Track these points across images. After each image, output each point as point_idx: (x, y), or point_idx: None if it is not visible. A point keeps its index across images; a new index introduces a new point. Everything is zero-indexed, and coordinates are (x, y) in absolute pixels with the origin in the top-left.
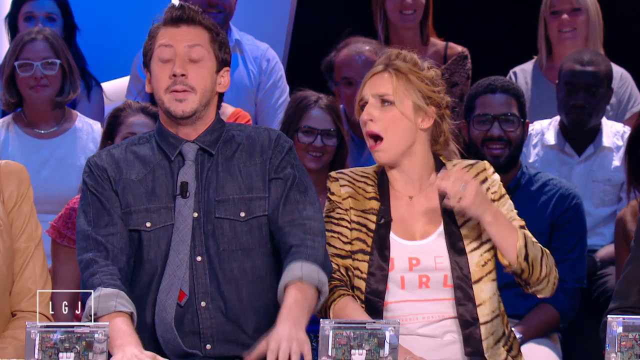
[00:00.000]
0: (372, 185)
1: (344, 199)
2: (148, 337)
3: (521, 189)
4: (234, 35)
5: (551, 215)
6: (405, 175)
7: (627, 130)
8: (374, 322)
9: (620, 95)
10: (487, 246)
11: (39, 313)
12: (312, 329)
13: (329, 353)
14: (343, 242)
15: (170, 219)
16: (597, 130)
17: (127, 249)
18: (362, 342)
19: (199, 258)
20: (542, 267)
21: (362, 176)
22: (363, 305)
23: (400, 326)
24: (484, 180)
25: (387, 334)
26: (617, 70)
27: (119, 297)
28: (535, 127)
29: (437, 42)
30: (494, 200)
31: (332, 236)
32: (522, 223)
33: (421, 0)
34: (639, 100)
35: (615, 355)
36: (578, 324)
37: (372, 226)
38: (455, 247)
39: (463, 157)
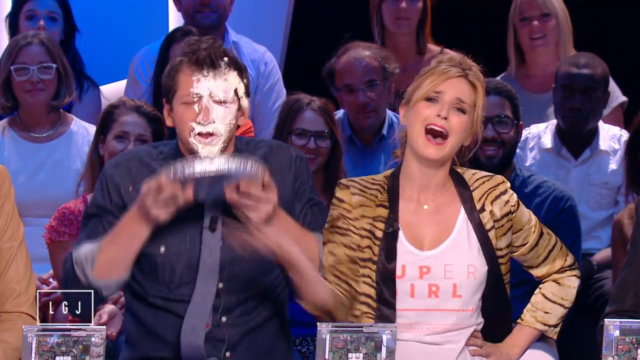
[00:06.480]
0: (382, 193)
1: (354, 208)
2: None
3: (515, 191)
4: (231, 38)
5: (545, 217)
6: (424, 182)
7: (624, 133)
8: (371, 326)
9: None
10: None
11: (25, 314)
12: (309, 333)
13: (326, 356)
14: (348, 248)
15: (184, 244)
16: (593, 134)
17: None
18: (359, 346)
19: (220, 285)
20: (567, 301)
21: (373, 184)
22: (373, 313)
23: (404, 332)
24: (504, 192)
25: (384, 337)
26: None
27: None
28: (532, 130)
29: (432, 48)
30: (512, 212)
31: (336, 246)
32: (544, 230)
33: (417, 7)
34: (617, 94)
35: (612, 358)
36: (575, 327)
37: (380, 234)
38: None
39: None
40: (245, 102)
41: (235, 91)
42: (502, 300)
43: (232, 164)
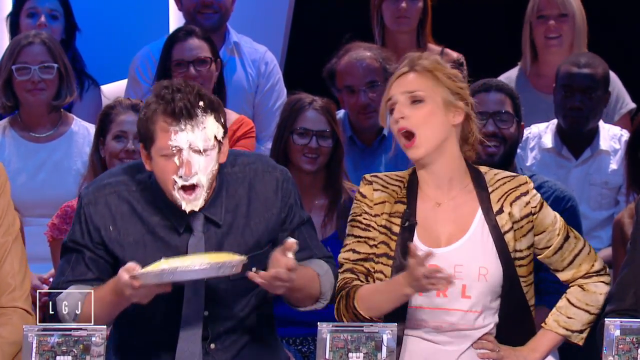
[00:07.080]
0: (402, 189)
1: (376, 204)
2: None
3: None
4: (232, 38)
5: None
6: (436, 178)
7: (625, 133)
8: (372, 325)
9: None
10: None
11: (20, 308)
12: (309, 333)
13: (327, 356)
14: (370, 245)
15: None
16: (594, 134)
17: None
18: (360, 345)
19: (206, 312)
20: (592, 310)
21: (396, 180)
22: None
23: (410, 329)
24: (525, 193)
25: (385, 337)
26: None
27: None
28: (532, 130)
29: (433, 48)
30: (533, 214)
31: (357, 241)
32: (570, 234)
33: (417, 6)
34: (627, 101)
35: (612, 358)
36: None
37: (397, 229)
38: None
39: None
40: (225, 141)
41: (215, 136)
42: (519, 302)
43: (211, 273)
